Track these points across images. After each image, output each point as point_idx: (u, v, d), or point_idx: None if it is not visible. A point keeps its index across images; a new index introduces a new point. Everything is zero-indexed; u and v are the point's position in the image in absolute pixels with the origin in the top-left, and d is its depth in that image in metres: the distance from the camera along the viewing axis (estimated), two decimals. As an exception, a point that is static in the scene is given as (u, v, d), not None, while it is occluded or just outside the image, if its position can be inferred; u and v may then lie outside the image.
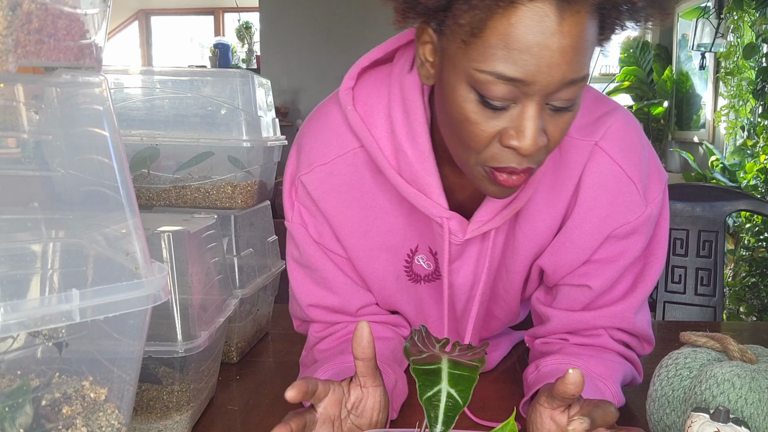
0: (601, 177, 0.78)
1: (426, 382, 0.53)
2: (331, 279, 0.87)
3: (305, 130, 0.85)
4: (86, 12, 0.52)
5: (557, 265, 0.83)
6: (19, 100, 0.52)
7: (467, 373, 0.54)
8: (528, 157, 0.66)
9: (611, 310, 0.83)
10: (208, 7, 6.39)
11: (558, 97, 0.64)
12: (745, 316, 2.90)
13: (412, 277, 0.89)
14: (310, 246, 0.86)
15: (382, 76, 0.80)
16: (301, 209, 0.85)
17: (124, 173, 0.52)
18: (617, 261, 0.81)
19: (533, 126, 0.63)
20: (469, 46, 0.63)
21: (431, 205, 0.77)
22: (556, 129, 0.66)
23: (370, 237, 0.85)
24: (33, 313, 0.43)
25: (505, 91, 0.63)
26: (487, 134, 0.65)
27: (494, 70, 0.62)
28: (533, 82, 0.61)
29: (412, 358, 0.56)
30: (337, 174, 0.82)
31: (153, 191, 1.05)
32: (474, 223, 0.79)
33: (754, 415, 0.60)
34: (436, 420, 0.51)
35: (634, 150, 0.79)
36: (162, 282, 0.52)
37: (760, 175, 2.99)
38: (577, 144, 0.78)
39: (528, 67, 0.61)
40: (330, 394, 0.67)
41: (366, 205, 0.83)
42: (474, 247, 0.82)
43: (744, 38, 3.32)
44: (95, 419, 0.52)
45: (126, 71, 1.09)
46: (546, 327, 0.87)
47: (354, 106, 0.79)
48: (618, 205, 0.79)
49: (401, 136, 0.76)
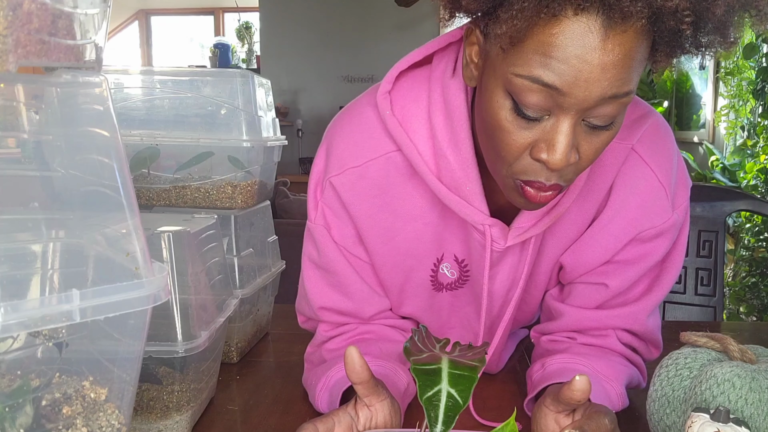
0: (632, 179, 0.78)
1: (426, 381, 0.53)
2: (348, 284, 0.86)
3: (337, 130, 0.82)
4: (86, 12, 0.51)
5: (578, 263, 0.83)
6: (19, 100, 0.52)
7: (467, 373, 0.54)
8: (557, 173, 0.64)
9: (625, 310, 0.83)
10: (208, 7, 6.39)
11: (596, 113, 0.62)
12: (745, 316, 2.90)
13: (435, 285, 0.87)
14: (331, 249, 0.84)
15: (421, 79, 0.78)
16: (326, 210, 0.83)
17: (124, 173, 0.52)
18: (638, 263, 0.81)
19: (565, 141, 0.62)
20: (512, 50, 0.61)
21: (473, 212, 0.76)
22: (590, 148, 0.64)
23: (396, 243, 0.83)
24: (33, 313, 0.43)
25: (541, 99, 0.61)
26: (518, 144, 0.64)
27: (531, 74, 0.60)
28: (569, 93, 0.60)
29: (412, 358, 0.56)
30: (369, 177, 0.80)
31: (153, 191, 1.05)
32: (515, 230, 0.77)
33: (754, 415, 0.60)
34: (436, 420, 0.51)
35: (667, 155, 0.79)
36: (162, 282, 0.52)
37: (760, 175, 2.99)
38: (614, 147, 0.77)
39: (565, 77, 0.59)
40: (336, 427, 0.66)
41: (395, 211, 0.81)
42: (514, 254, 0.81)
43: (744, 38, 3.32)
44: (95, 419, 0.52)
45: (126, 71, 1.08)
46: (556, 323, 0.86)
47: (392, 110, 0.77)
48: (646, 209, 0.79)
49: (443, 141, 0.74)
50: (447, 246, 0.84)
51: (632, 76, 0.61)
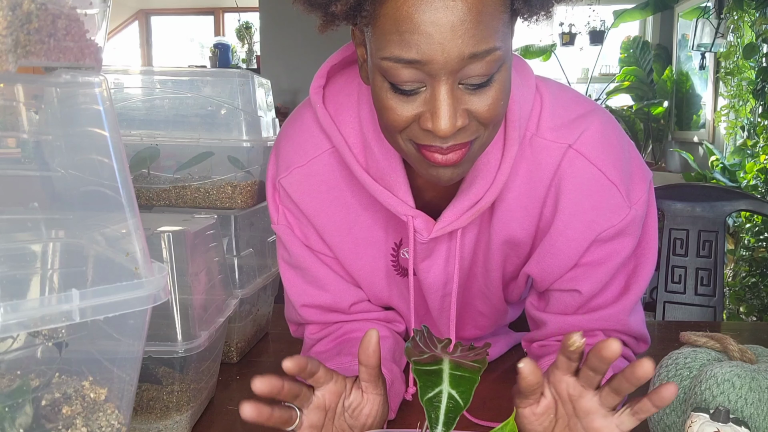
0: (581, 182, 0.77)
1: (427, 382, 0.53)
2: (321, 277, 0.88)
3: (282, 134, 0.87)
4: (86, 12, 0.52)
5: (544, 272, 0.83)
6: (19, 100, 0.52)
7: (468, 374, 0.54)
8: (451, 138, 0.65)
9: (605, 313, 0.83)
10: (208, 7, 6.38)
11: (467, 74, 0.63)
12: (745, 316, 2.90)
13: (399, 271, 0.89)
14: (298, 247, 0.87)
15: (353, 74, 0.81)
16: (286, 212, 0.86)
17: (124, 173, 0.52)
18: (605, 264, 0.81)
19: (445, 107, 0.63)
20: (373, 37, 0.64)
21: (397, 202, 0.78)
22: (481, 106, 0.65)
23: (354, 234, 0.85)
24: (33, 313, 0.43)
25: (410, 74, 0.63)
26: (404, 118, 0.66)
27: (391, 54, 0.62)
28: (429, 61, 0.61)
29: (413, 358, 0.55)
30: (315, 175, 0.83)
31: (153, 191, 1.05)
32: (440, 222, 0.79)
33: (754, 415, 0.60)
34: (437, 421, 0.51)
35: (613, 151, 0.78)
36: (162, 282, 0.52)
37: (760, 175, 2.99)
38: (549, 146, 0.77)
39: (421, 47, 0.60)
40: (332, 383, 0.66)
41: (346, 204, 0.84)
42: (442, 247, 0.83)
43: (744, 38, 3.32)
44: (95, 419, 0.52)
45: (126, 71, 1.09)
46: (542, 331, 0.87)
47: (324, 105, 0.80)
48: (600, 209, 0.78)
49: (368, 132, 0.77)
50: (404, 231, 0.85)
51: (487, 33, 0.61)
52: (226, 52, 6.02)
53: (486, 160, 0.76)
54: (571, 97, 0.81)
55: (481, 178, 0.76)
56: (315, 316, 0.90)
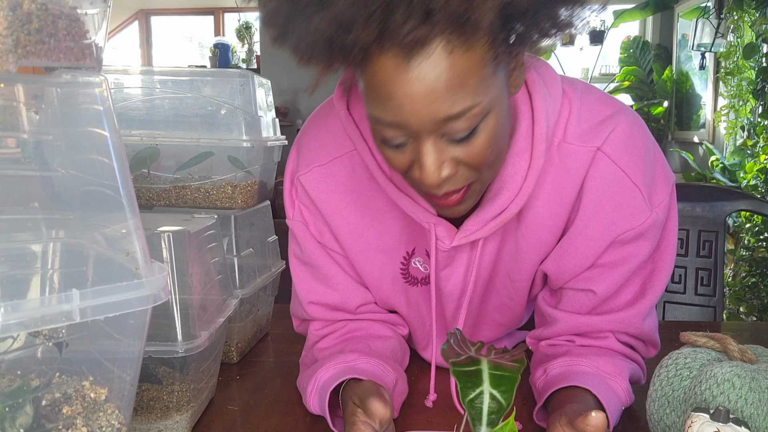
0: (604, 182, 0.77)
1: (467, 383, 0.53)
2: (331, 276, 0.88)
3: (305, 130, 0.87)
4: (86, 12, 0.52)
5: (561, 270, 0.83)
6: (19, 100, 0.52)
7: (508, 374, 0.53)
8: (441, 186, 0.67)
9: (619, 315, 0.82)
10: (208, 7, 6.38)
11: (447, 131, 0.63)
12: (745, 316, 2.90)
13: (408, 279, 0.89)
14: (311, 244, 0.87)
15: None
16: (302, 208, 0.87)
17: (124, 173, 0.52)
18: (622, 266, 0.80)
19: (430, 161, 0.64)
20: (363, 90, 0.66)
21: (419, 210, 0.78)
22: (469, 155, 0.66)
23: (367, 238, 0.86)
24: (33, 313, 0.43)
25: (392, 132, 0.65)
26: (401, 166, 0.68)
27: (373, 114, 0.65)
28: (406, 124, 0.63)
29: (451, 360, 0.55)
30: (335, 175, 0.83)
31: (153, 191, 1.05)
32: (462, 231, 0.79)
33: (754, 415, 0.60)
34: (480, 421, 0.51)
35: (638, 153, 0.78)
36: (162, 282, 0.52)
37: (760, 175, 2.99)
38: (578, 150, 0.77)
39: (397, 111, 0.62)
40: None
41: (363, 207, 0.84)
42: (464, 256, 0.83)
43: (744, 38, 3.32)
44: (95, 419, 0.52)
45: (126, 71, 1.08)
46: (552, 329, 0.86)
47: (349, 110, 0.80)
48: (622, 211, 0.78)
49: None
50: (419, 240, 0.85)
51: (462, 94, 0.61)
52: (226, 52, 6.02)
53: (513, 171, 0.75)
54: (597, 98, 0.81)
55: (507, 189, 0.76)
56: (321, 314, 0.90)
